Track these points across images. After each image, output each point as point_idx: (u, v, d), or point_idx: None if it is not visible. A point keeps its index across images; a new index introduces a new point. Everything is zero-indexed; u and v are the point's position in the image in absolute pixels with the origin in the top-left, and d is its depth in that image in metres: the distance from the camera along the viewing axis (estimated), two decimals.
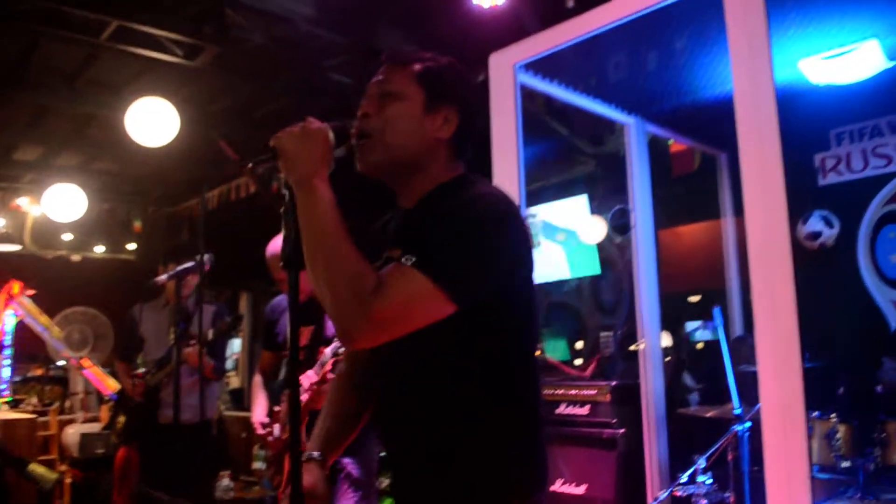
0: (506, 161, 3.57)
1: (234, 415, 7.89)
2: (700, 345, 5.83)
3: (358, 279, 1.35)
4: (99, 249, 9.85)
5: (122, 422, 4.35)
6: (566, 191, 6.27)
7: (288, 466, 3.09)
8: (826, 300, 4.13)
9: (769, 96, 2.60)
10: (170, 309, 4.14)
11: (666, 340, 5.03)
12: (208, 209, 8.94)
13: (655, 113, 4.40)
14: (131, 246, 9.99)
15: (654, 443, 4.00)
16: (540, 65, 3.68)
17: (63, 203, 7.15)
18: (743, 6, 2.69)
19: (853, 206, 4.64)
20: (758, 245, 2.58)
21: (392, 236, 1.64)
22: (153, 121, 5.32)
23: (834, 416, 3.38)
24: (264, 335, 3.60)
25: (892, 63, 3.74)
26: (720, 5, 2.73)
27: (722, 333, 3.64)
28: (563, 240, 6.41)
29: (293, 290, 1.48)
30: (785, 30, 3.47)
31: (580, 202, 6.08)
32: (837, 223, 4.66)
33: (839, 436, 3.33)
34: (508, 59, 3.59)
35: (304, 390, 3.02)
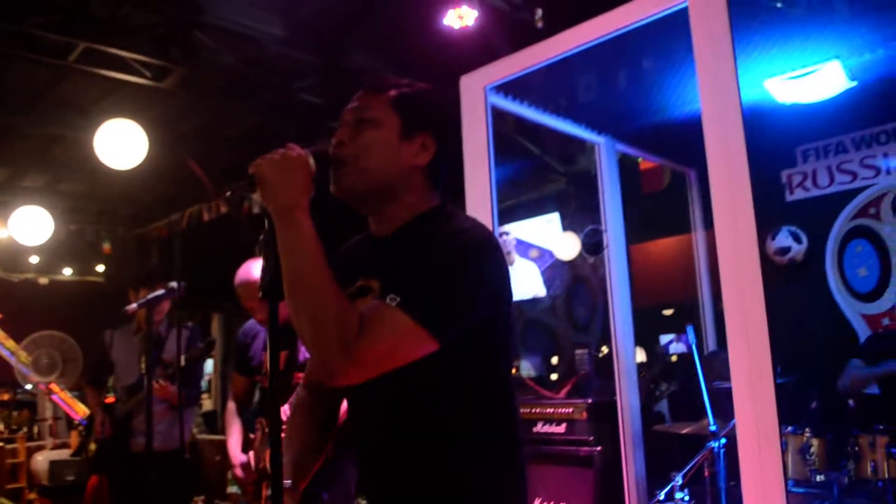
0: (478, 181, 3.58)
1: (208, 438, 7.78)
2: (674, 357, 5.89)
3: (341, 318, 1.33)
4: (67, 272, 9.72)
5: (94, 449, 4.27)
6: (538, 208, 6.32)
7: (266, 494, 3.06)
8: (796, 315, 4.19)
9: (736, 115, 2.64)
10: (141, 336, 4.08)
11: (640, 356, 5.07)
12: (178, 229, 8.87)
13: (625, 132, 4.45)
14: (100, 268, 9.85)
15: (632, 460, 4.02)
16: (510, 86, 3.71)
17: (30, 226, 7.03)
18: (709, 29, 2.74)
19: (820, 222, 4.73)
20: (728, 262, 2.61)
21: (367, 263, 1.62)
22: (122, 143, 5.27)
23: (807, 431, 3.43)
24: (237, 359, 3.54)
25: (854, 83, 3.83)
26: (687, 28, 2.78)
27: (696, 351, 3.67)
28: (537, 257, 6.45)
29: (273, 321, 1.45)
30: (750, 51, 3.54)
31: (552, 220, 6.12)
32: (805, 238, 4.74)
33: (813, 450, 3.38)
34: (479, 81, 3.61)
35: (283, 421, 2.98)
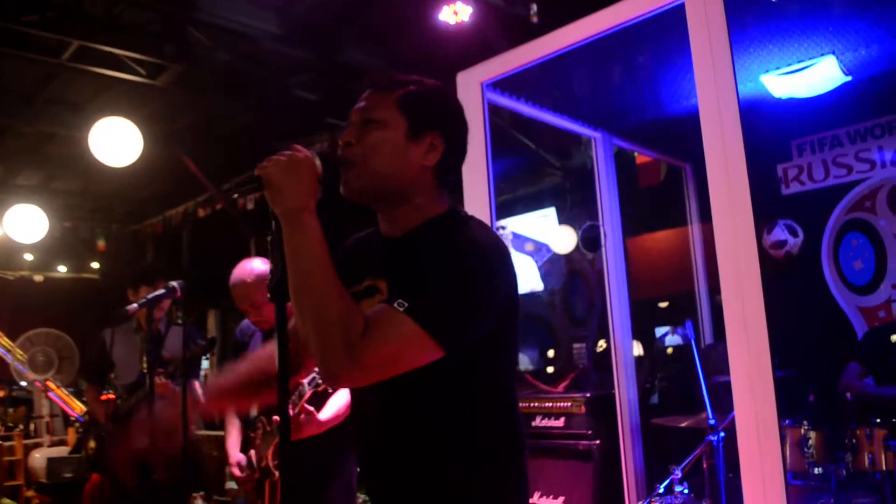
0: (475, 178, 3.58)
1: (205, 434, 7.78)
2: (670, 350, 5.92)
3: (346, 322, 1.32)
4: (62, 269, 9.70)
5: (93, 447, 4.27)
6: (534, 203, 6.33)
7: (268, 492, 3.07)
8: (793, 308, 4.21)
9: (733, 111, 2.65)
10: (142, 336, 4.08)
11: (637, 350, 5.10)
12: (172, 225, 8.87)
13: (621, 127, 4.46)
14: (95, 265, 9.84)
15: (630, 453, 4.04)
16: (507, 83, 3.70)
17: (25, 224, 7.01)
18: (706, 25, 2.74)
19: (816, 215, 4.76)
20: (727, 257, 2.62)
21: (375, 263, 1.61)
22: (117, 141, 5.25)
23: (805, 424, 3.45)
24: (236, 357, 3.54)
25: (849, 77, 3.85)
26: (683, 24, 2.78)
27: (694, 346, 3.69)
28: (533, 251, 6.46)
29: (280, 322, 1.45)
30: (746, 46, 3.55)
31: (548, 214, 6.14)
32: (801, 232, 4.76)
33: (811, 443, 3.40)
34: (476, 78, 3.60)
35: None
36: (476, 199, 3.52)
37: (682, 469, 3.50)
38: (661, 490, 3.47)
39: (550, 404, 4.60)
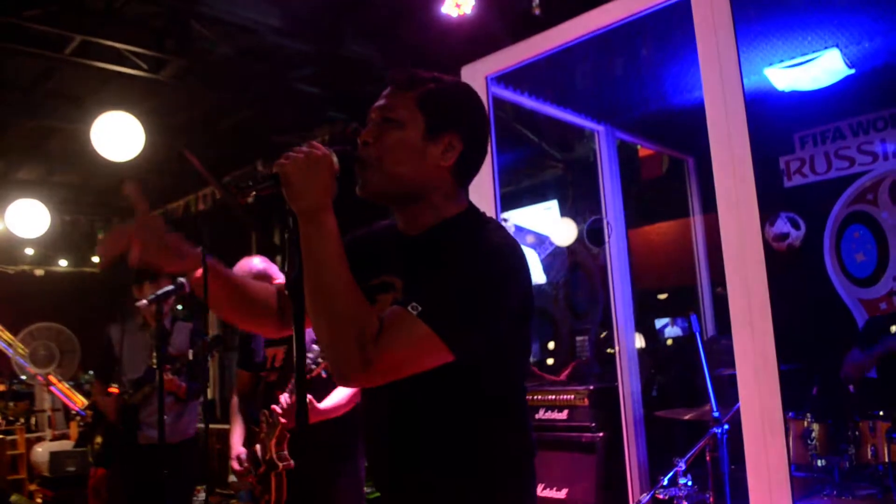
0: (480, 172, 3.59)
1: (212, 427, 7.81)
2: (669, 341, 5.94)
3: (360, 323, 1.33)
4: (63, 263, 9.70)
5: (100, 442, 4.30)
6: (537, 195, 6.34)
7: (274, 485, 3.08)
8: (795, 301, 4.23)
9: (738, 106, 2.66)
10: (150, 332, 4.10)
11: (640, 342, 5.11)
12: (174, 218, 8.86)
13: (625, 121, 4.47)
14: (96, 259, 9.84)
15: (634, 445, 4.06)
16: (510, 76, 3.70)
17: (26, 219, 7.01)
18: (711, 20, 2.75)
19: (818, 208, 4.76)
20: (732, 250, 2.62)
21: (391, 259, 1.62)
22: (119, 135, 5.24)
23: (808, 416, 3.47)
24: (240, 354, 3.56)
25: (852, 70, 3.86)
26: (686, 18, 2.79)
27: (699, 340, 3.70)
28: (534, 243, 6.48)
29: (298, 318, 1.46)
30: (750, 40, 3.55)
31: (551, 207, 6.15)
32: (803, 224, 4.77)
33: (814, 435, 3.42)
34: (480, 72, 3.60)
35: (282, 413, 3.01)
36: (481, 192, 3.52)
37: (686, 461, 3.52)
38: (665, 482, 3.48)
39: (553, 397, 4.62)
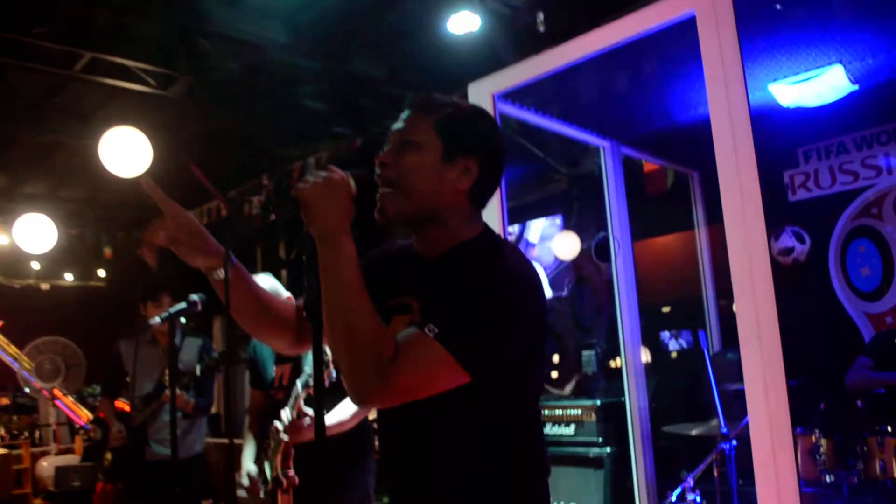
0: None
1: (213, 441, 7.80)
2: (674, 354, 5.94)
3: (377, 345, 1.35)
4: (68, 277, 9.73)
5: (110, 459, 4.31)
6: (542, 209, 6.36)
7: (281, 502, 3.09)
8: (801, 315, 4.24)
9: (744, 122, 2.67)
10: (162, 349, 4.13)
11: (646, 356, 5.11)
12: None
13: (630, 136, 4.48)
14: (101, 273, 9.87)
15: (642, 460, 4.05)
16: (516, 93, 3.73)
17: (33, 234, 7.04)
18: (716, 37, 2.77)
19: (823, 222, 4.78)
20: (739, 265, 2.62)
21: (408, 280, 1.63)
22: (127, 151, 5.27)
23: (817, 432, 3.48)
24: (252, 374, 3.58)
25: (856, 86, 3.88)
26: (690, 36, 2.80)
27: (707, 355, 3.71)
28: (537, 256, 6.50)
29: (316, 339, 1.48)
30: (755, 57, 3.58)
31: (556, 222, 6.18)
32: (808, 239, 4.78)
33: (823, 450, 3.43)
34: (487, 89, 3.62)
35: (284, 430, 3.03)
36: (488, 206, 3.54)
37: (694, 477, 3.52)
38: (674, 498, 3.49)
39: (561, 412, 4.63)
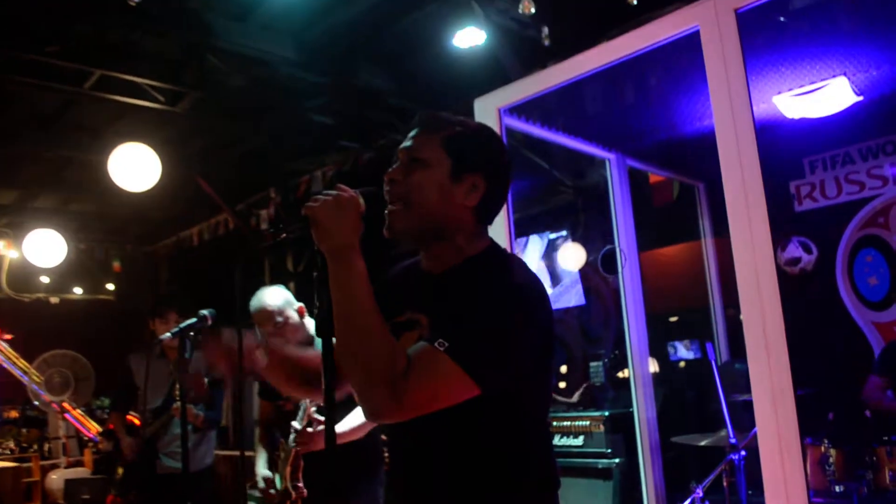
0: None
1: (221, 454, 7.81)
2: (682, 364, 5.94)
3: (389, 360, 1.37)
4: (77, 291, 9.77)
5: (121, 472, 4.35)
6: (548, 221, 6.38)
7: None
8: (809, 325, 4.24)
9: (749, 134, 2.69)
10: (173, 364, 4.16)
11: (653, 366, 5.12)
12: (188, 246, 8.96)
13: (635, 148, 4.50)
14: (110, 286, 9.92)
15: (651, 471, 4.05)
16: (522, 107, 3.75)
17: (43, 248, 7.10)
18: (721, 51, 2.79)
19: (830, 232, 4.79)
20: (746, 276, 2.63)
21: (416, 297, 1.66)
22: (136, 166, 5.33)
23: (826, 442, 3.48)
24: (260, 385, 3.62)
25: (860, 97, 3.90)
26: (695, 48, 2.83)
27: (715, 367, 3.72)
28: (544, 268, 6.52)
29: (327, 356, 1.50)
30: (759, 70, 3.60)
31: (562, 234, 6.21)
32: (815, 249, 4.79)
33: (832, 460, 3.42)
34: (493, 104, 3.65)
35: (296, 440, 3.08)
36: (495, 224, 3.56)
37: (703, 487, 3.52)
38: None
39: (569, 423, 4.64)
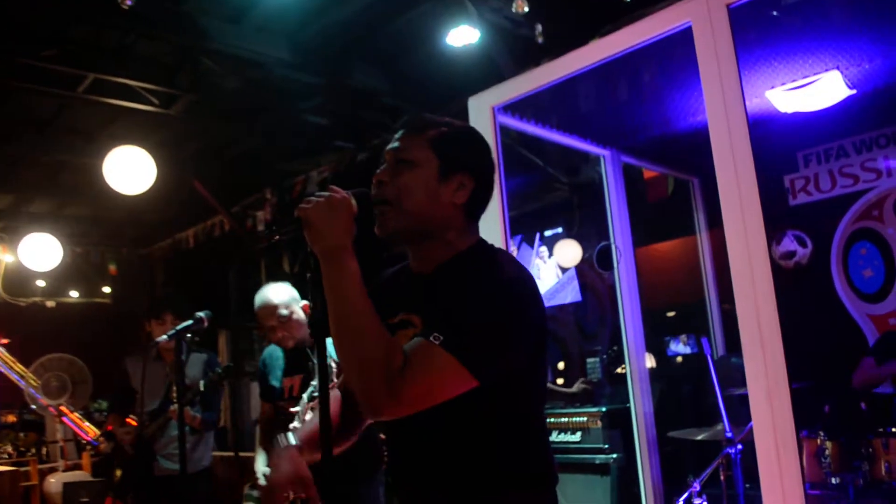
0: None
1: (219, 455, 7.81)
2: (679, 359, 5.95)
3: (386, 358, 1.38)
4: (74, 294, 9.77)
5: (119, 474, 4.34)
6: (544, 218, 6.40)
7: None
8: (804, 318, 4.25)
9: (742, 129, 2.70)
10: (169, 366, 4.17)
11: (650, 362, 5.13)
12: (184, 248, 8.96)
13: (629, 144, 4.52)
14: (106, 289, 9.91)
15: (648, 466, 4.06)
16: (516, 105, 3.76)
17: (39, 252, 7.10)
18: (713, 46, 2.80)
19: (824, 225, 4.80)
20: (740, 270, 2.65)
21: (407, 298, 1.67)
22: (131, 169, 5.33)
23: (821, 434, 3.49)
24: (261, 387, 3.64)
25: (853, 91, 3.91)
26: (689, 45, 2.84)
27: (711, 361, 3.73)
28: (541, 265, 6.54)
29: (321, 356, 1.52)
30: (752, 64, 3.61)
31: (558, 231, 6.23)
32: (810, 242, 4.81)
33: (828, 453, 3.44)
34: (487, 102, 3.66)
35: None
36: (490, 216, 3.56)
37: (700, 481, 3.54)
38: (681, 503, 3.50)
39: (566, 419, 4.64)
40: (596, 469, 4.41)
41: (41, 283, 9.48)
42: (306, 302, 3.41)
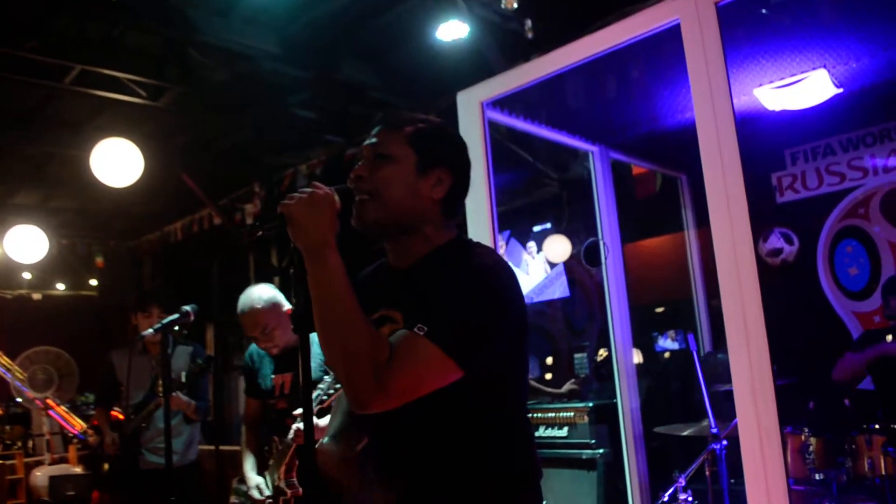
0: (477, 195, 3.63)
1: (206, 448, 7.77)
2: (667, 354, 5.98)
3: (372, 351, 1.39)
4: (60, 287, 9.71)
5: (107, 469, 4.33)
6: (532, 214, 6.40)
7: None
8: (790, 315, 4.28)
9: (729, 127, 2.71)
10: (155, 359, 4.15)
11: (637, 357, 5.15)
12: (172, 241, 8.91)
13: (618, 141, 4.54)
14: (93, 282, 9.85)
15: (634, 462, 4.09)
16: (505, 100, 3.77)
17: (25, 244, 7.05)
18: (701, 44, 2.81)
19: (811, 223, 4.84)
20: (726, 267, 2.66)
21: (386, 294, 1.68)
22: (118, 162, 5.30)
23: (806, 431, 3.52)
24: (247, 383, 3.60)
25: (840, 90, 3.93)
26: (677, 42, 2.85)
27: (696, 358, 3.75)
28: (529, 261, 6.54)
29: (304, 353, 1.52)
30: (740, 62, 3.63)
31: (546, 226, 6.24)
32: (797, 240, 4.84)
33: (812, 449, 3.47)
34: (476, 97, 3.65)
35: (295, 439, 3.05)
36: (478, 215, 3.57)
37: (686, 477, 3.56)
38: (666, 498, 3.53)
39: (553, 414, 4.66)
40: (582, 464, 4.44)
41: (27, 276, 9.43)
42: (290, 307, 3.34)
